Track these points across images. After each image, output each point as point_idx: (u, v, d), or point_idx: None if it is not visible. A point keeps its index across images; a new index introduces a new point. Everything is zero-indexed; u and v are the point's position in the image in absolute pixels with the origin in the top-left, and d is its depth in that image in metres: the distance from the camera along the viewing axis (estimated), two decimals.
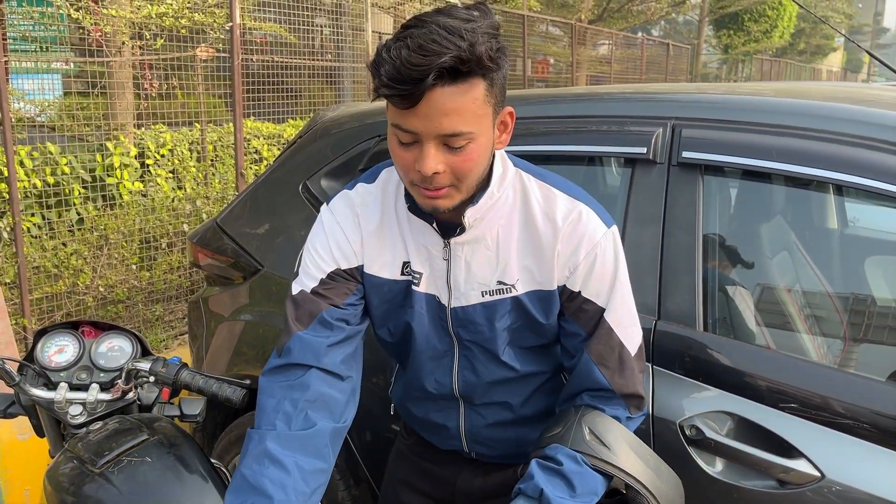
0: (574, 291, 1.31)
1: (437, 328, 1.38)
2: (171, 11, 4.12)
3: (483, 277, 1.31)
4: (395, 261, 1.36)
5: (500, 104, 1.18)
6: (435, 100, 1.09)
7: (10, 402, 1.88)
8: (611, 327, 1.31)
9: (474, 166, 1.18)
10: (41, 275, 3.60)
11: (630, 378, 1.32)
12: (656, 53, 15.64)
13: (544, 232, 1.29)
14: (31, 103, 4.34)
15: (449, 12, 1.11)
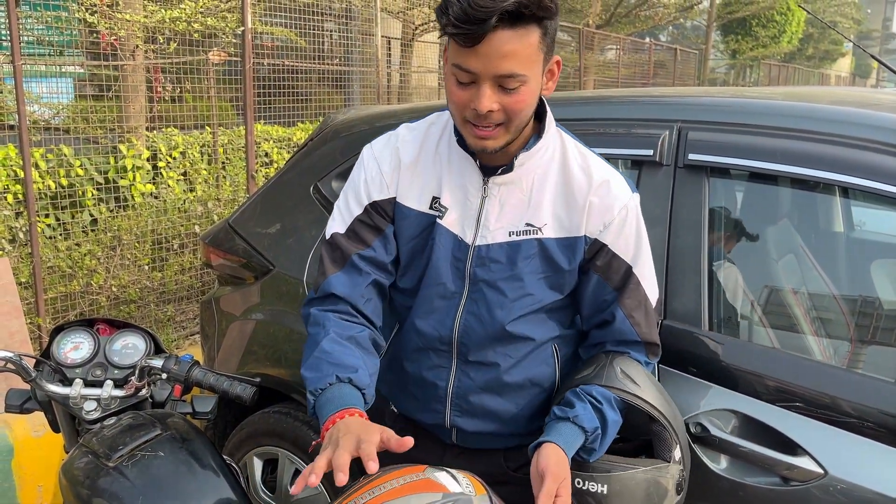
0: (605, 245, 1.39)
1: (452, 267, 1.42)
2: (184, 16, 4.17)
3: (513, 218, 1.38)
4: (425, 195, 1.42)
5: (550, 52, 1.27)
6: (495, 41, 1.18)
7: (27, 398, 1.91)
8: (639, 281, 1.42)
9: (525, 107, 1.27)
10: (55, 275, 3.65)
11: (652, 328, 1.46)
12: (664, 58, 15.65)
13: (579, 183, 1.38)
14: (46, 106, 4.40)
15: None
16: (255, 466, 2.52)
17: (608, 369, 1.41)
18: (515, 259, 1.39)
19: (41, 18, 4.62)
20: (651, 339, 1.46)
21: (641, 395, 1.40)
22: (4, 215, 3.66)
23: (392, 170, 1.44)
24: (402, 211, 1.44)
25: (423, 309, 1.46)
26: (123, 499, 1.61)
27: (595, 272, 1.42)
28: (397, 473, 1.08)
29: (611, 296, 1.43)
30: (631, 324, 1.43)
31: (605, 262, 1.40)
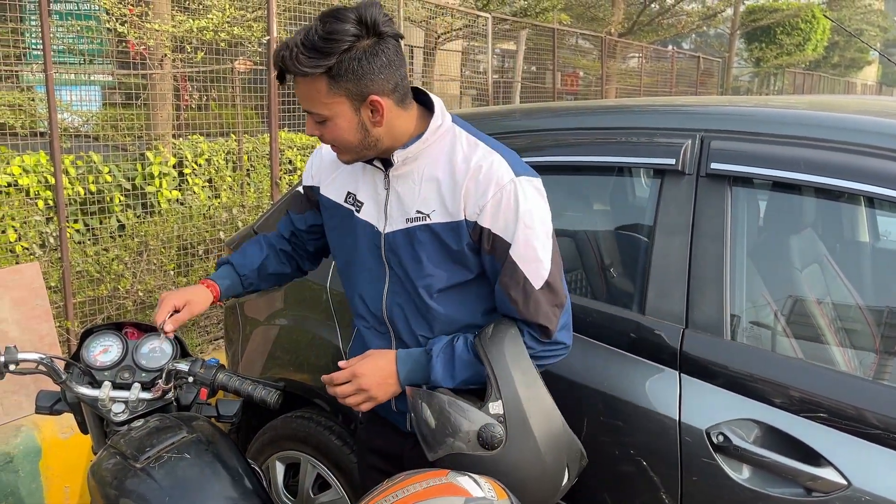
0: (484, 227, 1.49)
1: (372, 254, 1.62)
2: (211, 25, 4.24)
3: (408, 207, 1.54)
4: (342, 189, 1.66)
5: (356, 94, 1.42)
6: (295, 84, 1.44)
7: (57, 399, 1.94)
8: (514, 262, 1.48)
9: (339, 139, 1.48)
10: (83, 279, 3.71)
11: (534, 307, 1.50)
12: (686, 67, 15.57)
13: (459, 170, 1.50)
14: (77, 114, 4.48)
15: (333, 14, 1.38)
16: (277, 470, 2.54)
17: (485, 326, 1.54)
18: (413, 243, 1.54)
19: (71, 28, 4.71)
20: (532, 319, 1.51)
21: (484, 343, 1.48)
22: (35, 220, 3.73)
23: (319, 165, 1.73)
24: (324, 201, 1.70)
25: (360, 290, 1.67)
26: (150, 500, 1.63)
27: (486, 253, 1.52)
28: (420, 477, 1.10)
29: (496, 273, 1.52)
30: (509, 301, 1.51)
31: (490, 243, 1.50)
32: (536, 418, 1.46)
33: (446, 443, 1.41)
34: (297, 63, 1.38)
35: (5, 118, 4.06)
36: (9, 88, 4.52)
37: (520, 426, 1.43)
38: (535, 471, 1.45)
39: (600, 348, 1.84)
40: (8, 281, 3.22)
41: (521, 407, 1.44)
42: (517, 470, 1.42)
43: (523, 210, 1.47)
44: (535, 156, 2.18)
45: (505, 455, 1.41)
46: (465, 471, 1.27)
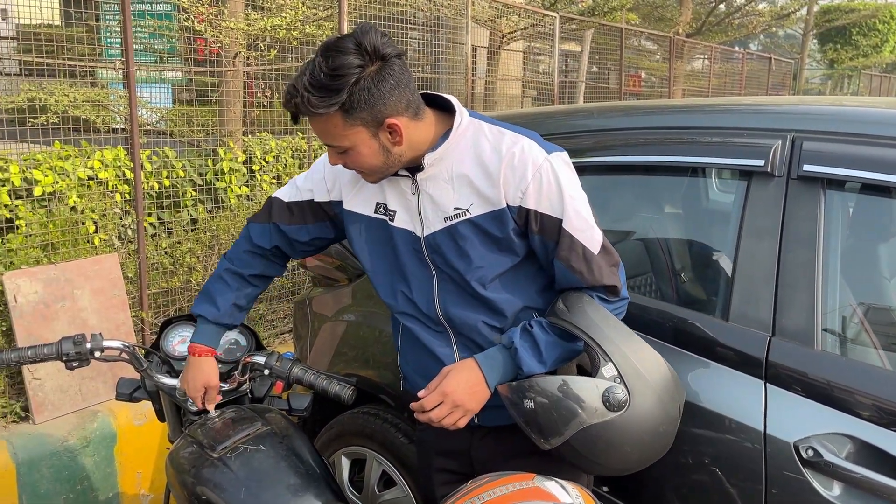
0: (530, 210, 1.51)
1: (415, 259, 1.62)
2: (284, 24, 4.31)
3: (444, 206, 1.55)
4: (370, 201, 1.65)
5: (372, 121, 1.43)
6: (312, 122, 1.45)
7: (136, 387, 1.99)
8: (570, 234, 1.51)
9: (363, 164, 1.50)
10: (157, 271, 3.81)
11: (598, 271, 1.52)
12: (756, 68, 15.14)
13: (491, 160, 1.51)
14: (153, 111, 4.61)
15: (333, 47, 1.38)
16: (342, 465, 2.56)
17: (552, 303, 1.56)
18: (456, 240, 1.55)
19: (150, 27, 4.85)
20: (598, 283, 1.53)
21: (567, 317, 1.50)
22: (113, 213, 3.85)
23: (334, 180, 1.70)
24: (350, 215, 1.69)
25: (405, 294, 1.67)
26: (226, 489, 1.66)
27: (535, 234, 1.53)
28: (505, 480, 1.08)
29: (551, 250, 1.54)
30: (572, 273, 1.52)
31: (538, 224, 1.52)
32: (648, 367, 1.49)
33: (572, 422, 1.43)
34: (310, 106, 1.38)
35: (87, 114, 4.20)
36: (87, 86, 4.68)
37: (637, 379, 1.46)
38: (660, 416, 1.48)
39: (677, 353, 1.79)
40: (89, 271, 3.33)
41: (632, 361, 1.48)
42: (646, 421, 1.46)
43: (564, 184, 1.51)
44: (603, 155, 2.14)
45: (634, 410, 1.44)
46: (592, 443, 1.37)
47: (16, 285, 3.12)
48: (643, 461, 1.53)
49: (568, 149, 1.63)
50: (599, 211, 2.41)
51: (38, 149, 3.97)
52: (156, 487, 3.18)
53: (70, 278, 3.27)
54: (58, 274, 3.25)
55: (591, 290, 1.55)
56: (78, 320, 3.24)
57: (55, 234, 3.55)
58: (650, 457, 1.53)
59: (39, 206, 3.65)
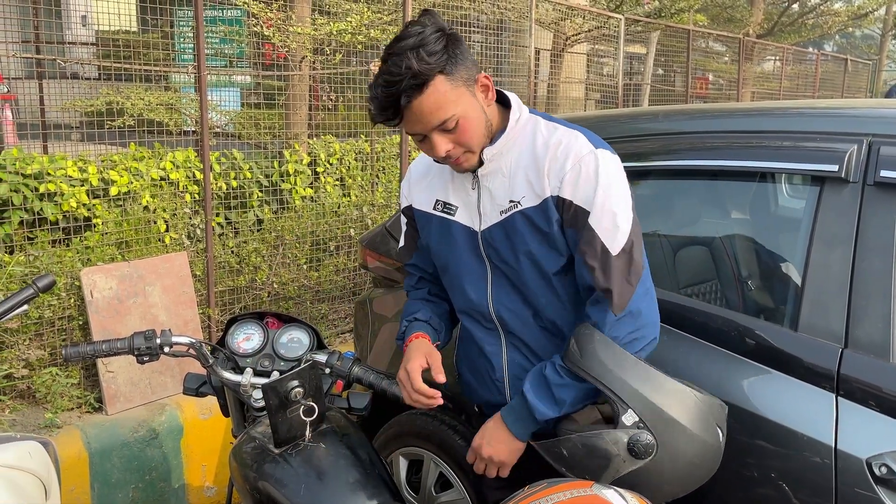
0: (566, 199, 1.51)
1: (472, 254, 1.66)
2: (349, 28, 4.37)
3: (500, 199, 1.58)
4: (430, 199, 1.72)
5: (469, 79, 1.48)
6: (413, 110, 1.44)
7: (202, 382, 2.05)
8: (592, 228, 1.49)
9: (473, 133, 1.50)
10: (224, 270, 3.92)
11: (609, 277, 1.48)
12: (831, 70, 14.61)
13: (541, 153, 1.54)
14: (223, 113, 4.75)
15: (405, 35, 1.43)
16: (400, 465, 2.58)
17: (566, 344, 1.53)
18: (508, 233, 1.58)
19: (220, 32, 5.00)
20: (607, 287, 1.48)
21: (579, 363, 1.46)
22: (183, 213, 3.98)
23: (407, 185, 1.80)
24: (417, 214, 1.77)
25: (462, 290, 1.70)
26: (288, 485, 1.69)
27: (569, 226, 1.53)
28: (564, 487, 1.07)
29: (574, 244, 1.54)
30: (586, 269, 1.50)
31: (570, 214, 1.52)
32: (672, 404, 1.44)
33: (605, 473, 1.40)
34: (426, 63, 1.40)
35: (161, 117, 4.36)
36: (160, 89, 4.86)
37: (662, 421, 1.41)
38: (696, 448, 1.45)
39: (743, 362, 1.74)
40: (160, 269, 3.45)
41: (652, 403, 1.42)
42: (681, 458, 1.43)
43: (602, 179, 1.49)
44: (668, 159, 2.10)
45: (664, 452, 1.40)
46: (630, 487, 1.29)
47: (92, 281, 3.25)
48: (691, 486, 1.51)
49: (632, 152, 1.61)
50: (663, 215, 2.37)
51: (114, 150, 4.14)
52: (219, 480, 3.27)
53: (142, 275, 3.39)
54: (131, 271, 3.37)
55: (598, 294, 1.52)
56: (149, 316, 3.36)
57: (129, 233, 3.70)
58: (697, 482, 1.50)
59: (115, 206, 3.80)
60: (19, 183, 3.54)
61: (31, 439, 1.61)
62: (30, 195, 3.55)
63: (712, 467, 1.51)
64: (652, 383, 1.45)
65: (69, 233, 3.63)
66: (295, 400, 1.70)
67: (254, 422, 1.92)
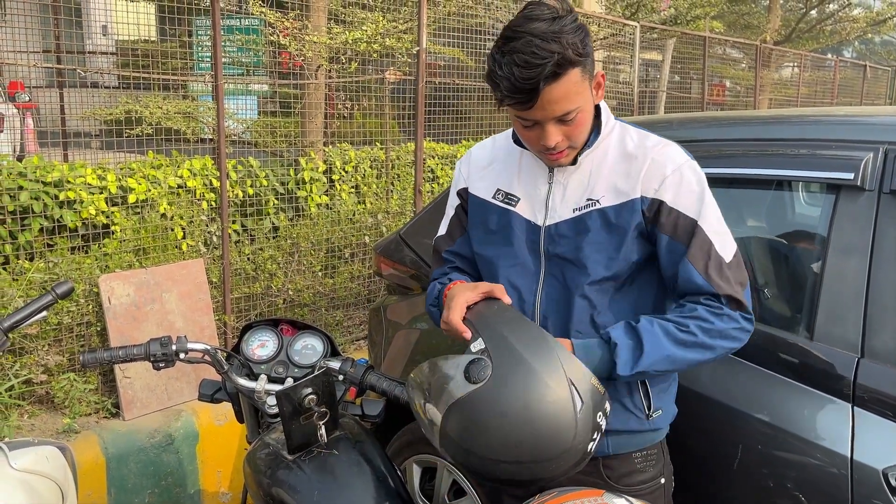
0: (663, 202, 1.48)
1: (528, 248, 1.60)
2: (365, 37, 4.41)
3: (576, 197, 1.54)
4: (491, 187, 1.67)
5: (592, 74, 1.44)
6: (546, 95, 1.38)
7: (217, 388, 2.06)
8: (706, 236, 1.46)
9: (582, 129, 1.48)
10: (239, 276, 3.95)
11: (728, 281, 1.45)
12: (850, 76, 14.49)
13: (633, 154, 1.52)
14: (239, 121, 4.80)
15: (537, 16, 1.37)
16: (413, 473, 2.58)
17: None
18: (577, 231, 1.53)
19: (238, 42, 5.05)
20: (728, 293, 1.45)
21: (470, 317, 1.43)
22: (200, 220, 4.02)
23: (468, 168, 1.74)
24: (472, 199, 1.71)
25: (510, 287, 1.62)
26: (301, 491, 1.70)
27: (662, 232, 1.49)
28: (574, 496, 1.07)
29: (680, 252, 1.48)
30: (703, 277, 1.45)
31: (668, 220, 1.48)
32: (523, 342, 1.34)
33: (441, 400, 1.33)
34: (577, 53, 1.36)
35: (179, 125, 4.41)
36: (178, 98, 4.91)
37: (506, 351, 1.33)
38: (535, 393, 1.28)
39: (759, 372, 1.73)
40: (176, 275, 3.48)
41: (503, 335, 1.35)
42: (515, 395, 1.28)
43: (705, 187, 1.49)
44: None
45: (497, 382, 1.29)
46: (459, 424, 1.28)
47: (110, 288, 3.29)
48: (521, 449, 1.28)
49: None
50: None
51: (132, 158, 4.19)
52: (234, 486, 3.28)
53: (159, 282, 3.42)
54: (148, 277, 3.41)
55: (713, 298, 1.46)
56: (165, 322, 3.39)
57: (146, 240, 3.73)
58: (531, 444, 1.28)
59: (133, 213, 3.84)
60: (40, 190, 3.59)
61: (49, 444, 1.63)
62: (50, 203, 3.60)
63: (554, 432, 1.28)
64: (516, 324, 1.38)
65: (88, 240, 3.68)
66: (308, 407, 1.70)
67: (268, 428, 1.94)
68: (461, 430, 1.31)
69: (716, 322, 1.43)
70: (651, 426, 1.58)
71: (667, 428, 1.65)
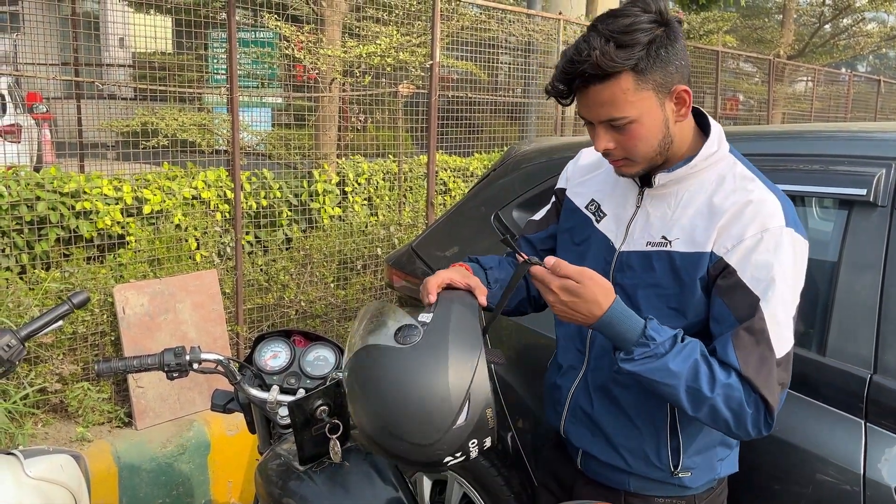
0: (729, 266, 1.32)
1: (598, 268, 1.42)
2: (378, 51, 4.45)
3: (655, 229, 1.43)
4: (587, 195, 1.60)
5: (664, 85, 1.32)
6: (588, 96, 1.32)
7: (230, 399, 2.07)
8: (764, 322, 1.28)
9: (639, 143, 1.35)
10: (252, 287, 3.98)
11: (765, 378, 1.27)
12: (863, 91, 14.44)
13: (723, 202, 1.36)
14: (253, 133, 4.85)
15: (618, 12, 1.30)
16: (424, 485, 2.58)
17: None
18: (647, 267, 1.43)
19: (253, 54, 5.11)
20: (757, 386, 1.26)
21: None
22: (214, 231, 4.05)
23: (573, 170, 1.70)
24: (567, 203, 1.66)
25: None
26: (311, 502, 1.71)
27: (718, 295, 1.34)
28: None
29: (728, 324, 1.31)
30: (738, 360, 1.27)
31: (728, 285, 1.32)
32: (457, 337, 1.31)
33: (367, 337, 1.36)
34: (611, 59, 1.26)
35: (194, 137, 4.45)
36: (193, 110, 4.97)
37: (437, 336, 1.31)
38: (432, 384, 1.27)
39: None
40: (190, 286, 3.51)
41: (448, 324, 1.33)
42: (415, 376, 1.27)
43: (785, 265, 1.30)
44: None
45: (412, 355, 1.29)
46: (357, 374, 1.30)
47: (124, 297, 3.32)
48: (387, 416, 1.28)
49: None
50: None
51: (147, 169, 4.24)
52: (245, 497, 3.29)
53: (173, 292, 3.45)
54: (162, 288, 3.44)
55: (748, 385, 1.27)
56: (179, 332, 3.41)
57: (161, 250, 3.77)
58: (397, 418, 1.28)
59: (148, 224, 3.88)
60: (57, 201, 3.64)
61: (64, 452, 1.64)
62: (66, 213, 3.65)
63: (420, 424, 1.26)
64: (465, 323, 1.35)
65: (103, 250, 3.72)
66: (320, 418, 1.71)
67: (280, 439, 1.95)
68: (364, 374, 1.33)
69: (737, 395, 1.27)
70: (678, 482, 1.48)
71: (704, 487, 1.51)
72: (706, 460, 1.48)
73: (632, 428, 1.48)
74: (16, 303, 3.19)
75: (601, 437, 1.53)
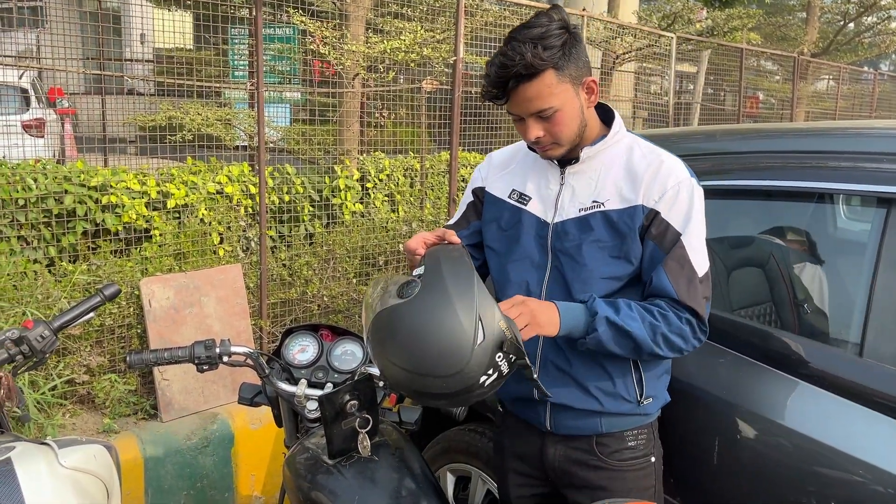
0: (658, 213, 1.61)
1: (536, 244, 1.73)
2: (403, 46, 4.44)
3: (583, 197, 1.68)
4: (507, 187, 1.82)
5: (577, 77, 1.59)
6: (519, 93, 1.57)
7: (257, 392, 2.08)
8: (685, 249, 1.61)
9: (564, 127, 1.61)
10: (276, 282, 3.99)
11: (693, 294, 1.60)
12: (888, 89, 14.24)
13: (640, 165, 1.65)
14: (276, 129, 4.86)
15: (530, 23, 1.55)
16: (447, 481, 2.58)
17: None
18: (582, 230, 1.67)
19: (276, 50, 5.12)
20: (689, 304, 1.59)
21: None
22: (238, 226, 4.07)
23: (487, 168, 1.91)
24: (488, 197, 1.86)
25: (518, 279, 1.76)
26: (340, 496, 1.71)
27: (650, 239, 1.63)
28: None
29: (659, 258, 1.62)
30: (671, 283, 1.60)
31: (658, 230, 1.62)
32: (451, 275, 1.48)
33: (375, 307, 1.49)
34: (540, 58, 1.51)
35: (218, 132, 4.48)
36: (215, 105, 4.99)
37: (435, 279, 1.48)
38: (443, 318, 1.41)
39: (804, 387, 1.71)
40: (215, 280, 3.53)
41: (440, 267, 1.50)
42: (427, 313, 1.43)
43: (696, 207, 1.63)
44: (721, 179, 2.08)
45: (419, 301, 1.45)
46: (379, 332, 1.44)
47: (151, 291, 3.34)
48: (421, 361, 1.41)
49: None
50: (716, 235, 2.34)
51: (169, 164, 4.27)
52: (268, 490, 3.30)
53: (198, 286, 3.47)
54: (187, 281, 3.46)
55: (678, 307, 1.60)
56: (204, 326, 3.43)
57: (185, 244, 3.79)
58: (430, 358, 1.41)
59: (172, 218, 3.90)
60: (83, 195, 3.67)
61: (96, 443, 1.66)
62: (93, 206, 3.68)
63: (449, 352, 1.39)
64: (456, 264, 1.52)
65: (129, 243, 3.74)
66: (350, 412, 1.72)
67: (307, 432, 1.95)
68: (382, 334, 1.47)
69: (674, 319, 1.58)
70: (642, 411, 1.73)
71: (658, 412, 1.79)
72: (661, 385, 1.77)
73: (601, 371, 1.69)
74: (45, 294, 3.23)
75: (575, 385, 1.71)
